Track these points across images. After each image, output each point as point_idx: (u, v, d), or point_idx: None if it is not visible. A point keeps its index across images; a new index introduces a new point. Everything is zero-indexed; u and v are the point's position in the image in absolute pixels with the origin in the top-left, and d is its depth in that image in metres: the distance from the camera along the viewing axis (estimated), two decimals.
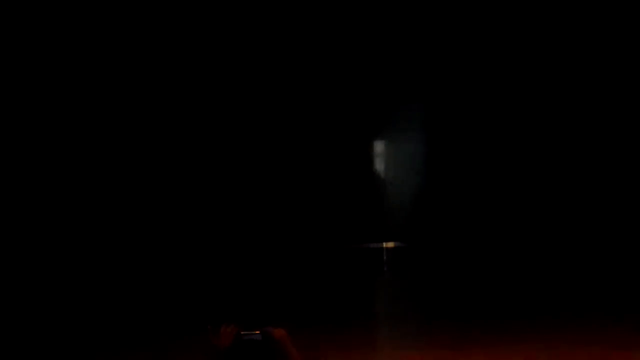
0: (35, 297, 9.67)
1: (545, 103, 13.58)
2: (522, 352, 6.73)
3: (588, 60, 13.24)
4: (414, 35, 13.74)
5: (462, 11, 13.46)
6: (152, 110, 12.72)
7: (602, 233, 12.99)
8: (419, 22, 13.61)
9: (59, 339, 7.58)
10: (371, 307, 9.69)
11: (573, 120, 13.43)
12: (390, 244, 14.43)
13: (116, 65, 12.47)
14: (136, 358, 6.87)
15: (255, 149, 13.26)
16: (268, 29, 13.14)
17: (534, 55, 13.47)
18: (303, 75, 13.54)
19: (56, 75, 12.13)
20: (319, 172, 13.63)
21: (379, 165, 14.45)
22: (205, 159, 12.98)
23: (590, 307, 8.96)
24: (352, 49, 13.63)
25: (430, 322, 8.73)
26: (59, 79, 12.16)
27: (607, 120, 13.31)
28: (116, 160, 12.50)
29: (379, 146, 14.40)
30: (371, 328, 8.37)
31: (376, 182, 14.34)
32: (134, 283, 10.72)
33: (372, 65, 13.80)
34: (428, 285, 11.77)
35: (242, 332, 3.26)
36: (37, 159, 12.02)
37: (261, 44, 13.16)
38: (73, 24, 12.14)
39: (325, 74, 13.62)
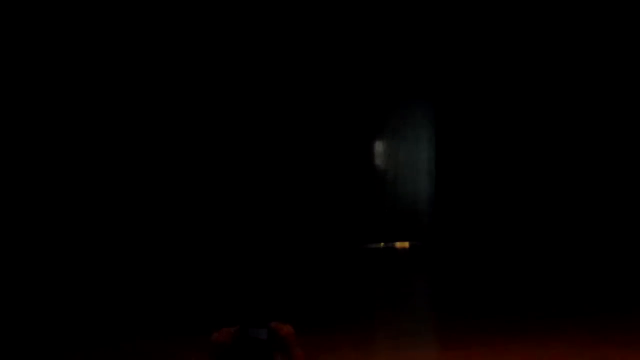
0: (35, 297, 9.67)
1: (548, 103, 13.58)
2: (522, 351, 6.73)
3: (595, 60, 13.22)
4: (414, 34, 13.74)
5: (465, 8, 13.45)
6: (152, 110, 12.72)
7: (603, 233, 13.00)
8: (421, 20, 13.61)
9: (59, 338, 7.58)
10: (371, 307, 9.68)
11: (578, 120, 13.43)
12: (390, 244, 14.43)
13: (116, 65, 12.47)
14: (137, 358, 6.87)
15: (257, 148, 13.26)
16: (268, 29, 13.14)
17: (538, 54, 13.47)
18: (303, 74, 13.54)
19: (56, 75, 12.13)
20: (320, 171, 13.63)
21: (380, 164, 14.45)
22: (207, 159, 12.98)
23: (590, 306, 8.96)
24: (353, 48, 13.63)
25: (430, 322, 8.74)
26: (59, 79, 12.16)
27: (611, 120, 13.31)
28: (116, 160, 12.50)
29: (380, 145, 14.39)
30: (371, 328, 8.37)
31: (377, 182, 14.34)
32: (134, 283, 10.72)
33: (374, 63, 13.80)
34: (428, 285, 11.77)
35: (248, 328, 3.24)
36: (37, 159, 12.02)
37: (261, 44, 13.17)
38: (73, 24, 12.14)
39: (327, 72, 13.62)
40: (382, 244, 14.34)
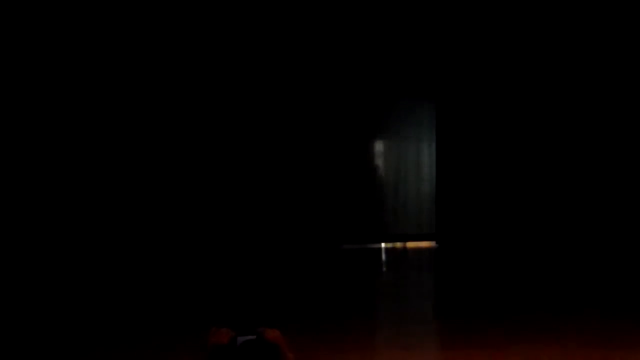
0: (35, 297, 9.66)
1: (550, 103, 13.54)
2: (523, 352, 6.71)
3: (595, 60, 13.18)
4: (415, 34, 13.71)
5: (466, 9, 13.42)
6: (152, 111, 12.71)
7: (603, 233, 12.97)
8: (423, 20, 13.58)
9: (59, 338, 7.56)
10: (370, 308, 9.66)
11: (579, 119, 13.39)
12: (390, 244, 14.41)
13: (116, 65, 12.46)
14: (133, 358, 6.85)
15: (256, 149, 13.25)
16: (268, 29, 13.12)
17: (539, 54, 13.44)
18: (303, 74, 13.52)
19: (56, 75, 12.13)
20: (320, 171, 13.62)
21: (381, 164, 14.43)
22: (203, 160, 12.97)
23: (592, 306, 8.94)
24: (355, 48, 13.61)
25: (431, 322, 8.71)
26: (59, 79, 12.15)
27: (611, 120, 13.27)
28: (116, 160, 12.50)
29: (381, 145, 14.37)
30: (370, 328, 8.34)
31: (378, 182, 14.32)
32: (132, 283, 10.71)
33: (375, 63, 13.78)
34: (429, 284, 11.75)
35: (236, 335, 3.24)
36: (37, 159, 12.01)
37: (262, 44, 13.15)
38: (73, 24, 12.13)
39: (327, 72, 13.60)
40: (382, 244, 14.33)
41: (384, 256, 13.91)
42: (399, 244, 14.44)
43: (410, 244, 14.42)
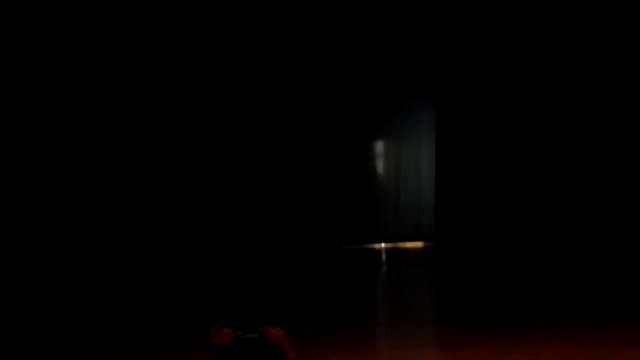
0: (36, 297, 9.65)
1: (550, 103, 13.54)
2: (524, 351, 6.71)
3: (595, 60, 13.18)
4: (415, 33, 13.71)
5: (465, 8, 13.41)
6: (152, 110, 12.70)
7: (604, 232, 12.96)
8: (422, 19, 13.57)
9: (59, 338, 7.56)
10: (370, 308, 9.65)
11: (578, 119, 13.38)
12: (391, 245, 14.40)
13: (116, 65, 12.45)
14: (136, 358, 6.85)
15: (254, 149, 13.24)
16: (268, 29, 13.11)
17: (539, 54, 13.43)
18: (303, 74, 13.52)
19: (56, 75, 12.12)
20: (317, 172, 13.61)
21: (381, 164, 14.42)
22: (203, 160, 12.97)
23: (593, 305, 8.94)
24: (354, 48, 13.60)
25: (431, 322, 8.72)
26: (59, 79, 12.14)
27: (611, 120, 13.27)
28: (116, 160, 12.49)
29: (381, 145, 14.36)
30: (370, 328, 8.34)
31: (378, 182, 14.31)
32: (133, 283, 10.70)
33: (375, 63, 13.78)
34: (430, 284, 11.74)
35: (239, 333, 3.24)
36: (37, 159, 12.00)
37: (261, 44, 13.15)
38: (73, 24, 12.12)
39: (327, 72, 13.59)
40: (382, 244, 14.32)
41: (383, 256, 13.90)
42: (398, 244, 14.43)
43: (410, 244, 14.41)
